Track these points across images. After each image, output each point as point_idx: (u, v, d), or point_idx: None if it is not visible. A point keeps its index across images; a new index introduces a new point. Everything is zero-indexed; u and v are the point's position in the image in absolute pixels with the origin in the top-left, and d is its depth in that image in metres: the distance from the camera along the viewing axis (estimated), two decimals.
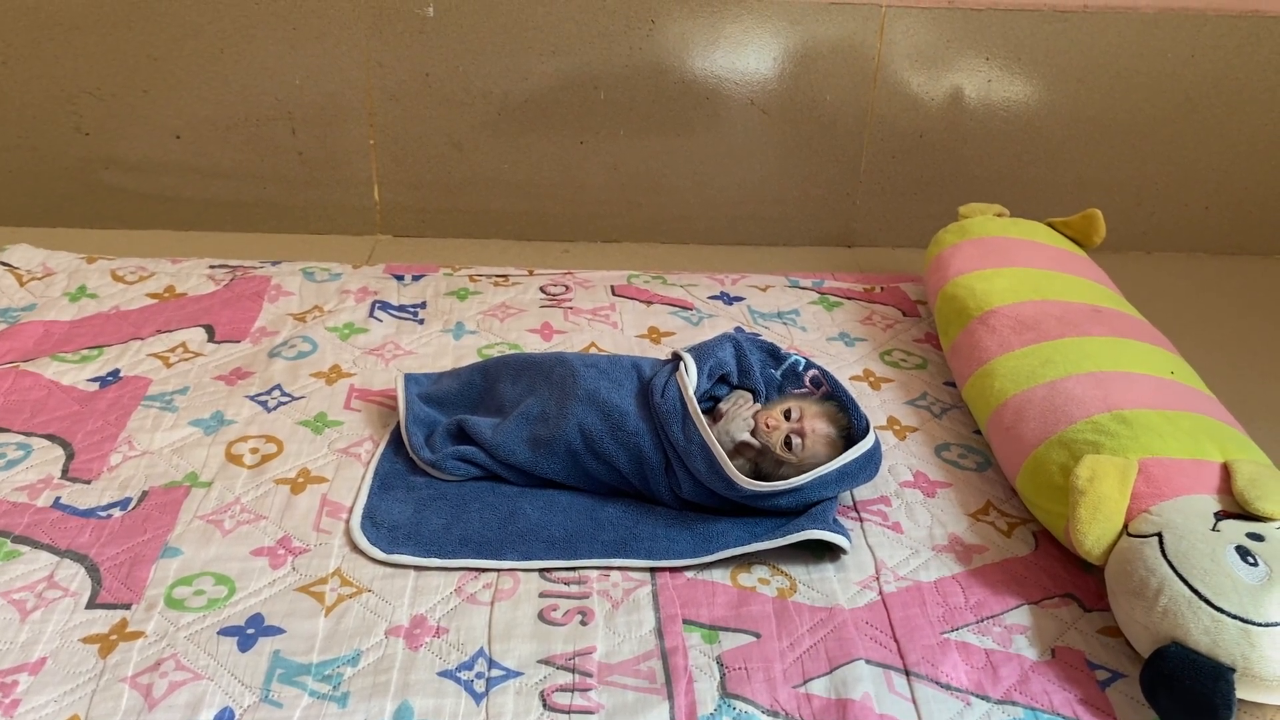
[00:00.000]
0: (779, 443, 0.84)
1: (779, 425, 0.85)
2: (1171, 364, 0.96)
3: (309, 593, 0.78)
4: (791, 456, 0.84)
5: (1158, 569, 0.72)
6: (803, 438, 0.85)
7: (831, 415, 0.88)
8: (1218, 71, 1.49)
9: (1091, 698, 0.71)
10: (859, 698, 0.69)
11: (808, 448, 0.85)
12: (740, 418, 0.86)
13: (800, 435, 0.85)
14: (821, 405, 0.88)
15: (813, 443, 0.85)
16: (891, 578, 0.82)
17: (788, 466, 0.85)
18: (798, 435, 0.85)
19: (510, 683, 0.71)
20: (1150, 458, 0.80)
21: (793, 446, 0.84)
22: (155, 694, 0.69)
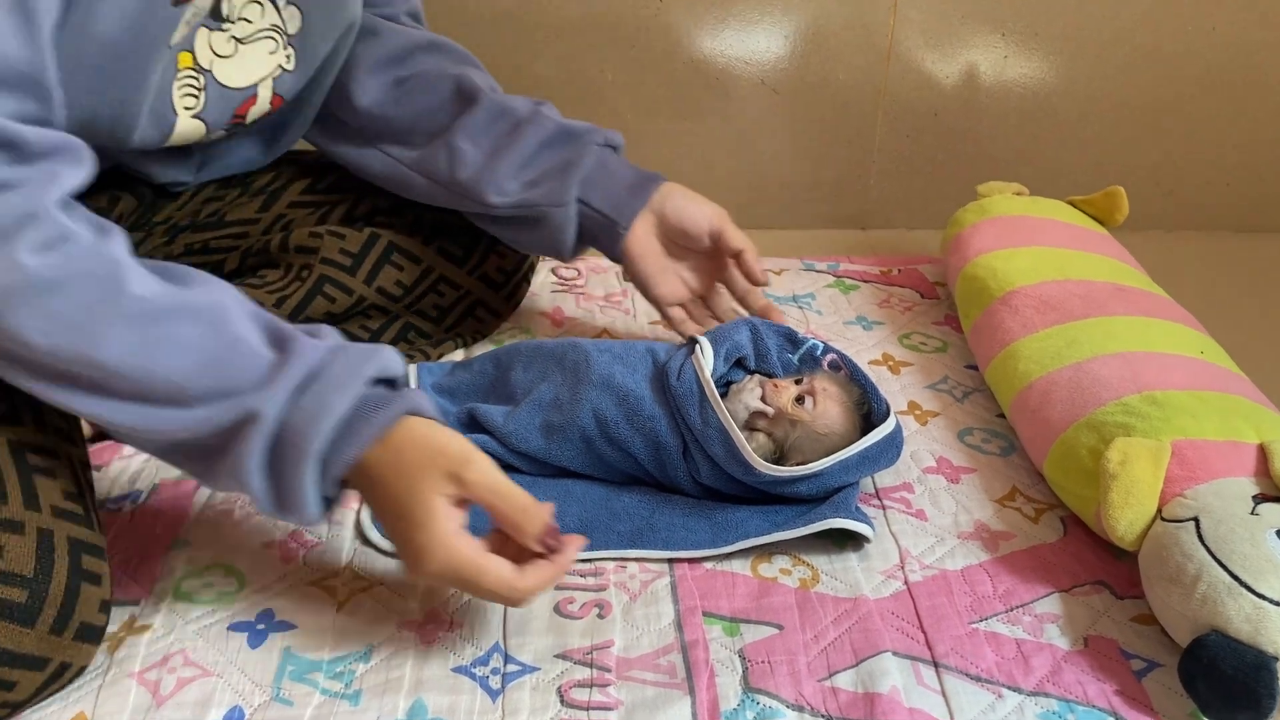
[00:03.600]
0: (789, 401, 0.83)
1: (787, 386, 0.84)
2: (1201, 343, 0.93)
3: (321, 587, 0.76)
4: (803, 414, 0.82)
5: (1195, 554, 0.69)
6: (813, 396, 0.83)
7: (842, 382, 0.87)
8: (1239, 45, 1.46)
9: (1127, 688, 0.69)
10: (887, 691, 0.67)
11: (819, 404, 0.83)
12: (747, 389, 0.85)
13: (810, 394, 0.84)
14: (830, 376, 0.87)
15: (824, 400, 0.84)
16: (917, 566, 0.80)
17: (804, 434, 0.83)
18: (808, 394, 0.84)
19: (526, 678, 0.69)
20: (1184, 440, 0.78)
21: (804, 403, 0.83)
22: (163, 691, 0.67)
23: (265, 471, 0.64)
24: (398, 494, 0.65)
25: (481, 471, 0.66)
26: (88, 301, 0.62)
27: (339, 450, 0.64)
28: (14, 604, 0.61)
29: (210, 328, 0.64)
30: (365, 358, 0.66)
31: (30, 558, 0.62)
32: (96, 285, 0.62)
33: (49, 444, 0.69)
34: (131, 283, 0.63)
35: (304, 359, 0.65)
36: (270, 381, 0.63)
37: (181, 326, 0.63)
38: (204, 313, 0.65)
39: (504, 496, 0.66)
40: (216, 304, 0.66)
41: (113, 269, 0.63)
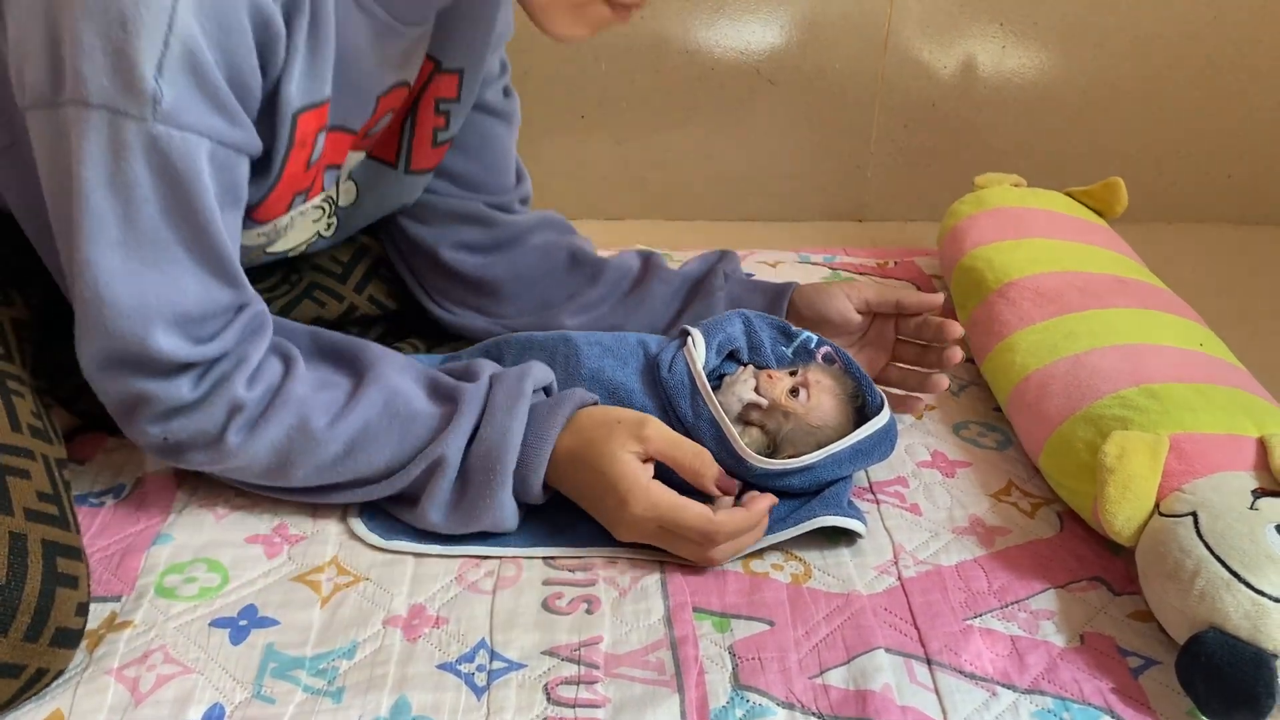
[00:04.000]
0: (783, 392, 0.81)
1: (781, 378, 0.83)
2: (1200, 336, 0.92)
3: (305, 582, 0.75)
4: (797, 406, 0.81)
5: (1193, 550, 0.68)
6: (807, 389, 0.82)
7: (836, 374, 0.85)
8: (1241, 35, 1.44)
9: (1124, 686, 0.68)
10: (879, 689, 0.66)
11: (813, 397, 0.82)
12: (742, 379, 0.84)
13: (804, 386, 0.82)
14: (825, 369, 0.86)
15: (818, 393, 0.82)
16: (910, 562, 0.78)
17: (796, 427, 0.81)
18: (802, 386, 0.82)
19: (513, 675, 0.68)
20: (1182, 433, 0.76)
21: (799, 395, 0.82)
22: (142, 688, 0.66)
23: (452, 502, 0.77)
24: (593, 467, 0.75)
25: (657, 428, 0.76)
26: (293, 458, 0.76)
27: (531, 459, 0.76)
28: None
29: (392, 420, 0.76)
30: (519, 378, 0.78)
31: (1, 564, 0.61)
32: (294, 440, 0.75)
33: (22, 443, 0.67)
34: (316, 419, 0.75)
35: (470, 402, 0.77)
36: (447, 430, 0.76)
37: (372, 436, 0.76)
38: (384, 409, 0.76)
39: (680, 446, 0.77)
40: (389, 391, 0.77)
41: (301, 415, 0.75)
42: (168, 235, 0.68)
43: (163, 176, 0.66)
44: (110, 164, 0.65)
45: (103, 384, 0.72)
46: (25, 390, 0.70)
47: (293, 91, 0.72)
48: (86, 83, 0.63)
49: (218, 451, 0.75)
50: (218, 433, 0.74)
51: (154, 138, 0.65)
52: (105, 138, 0.65)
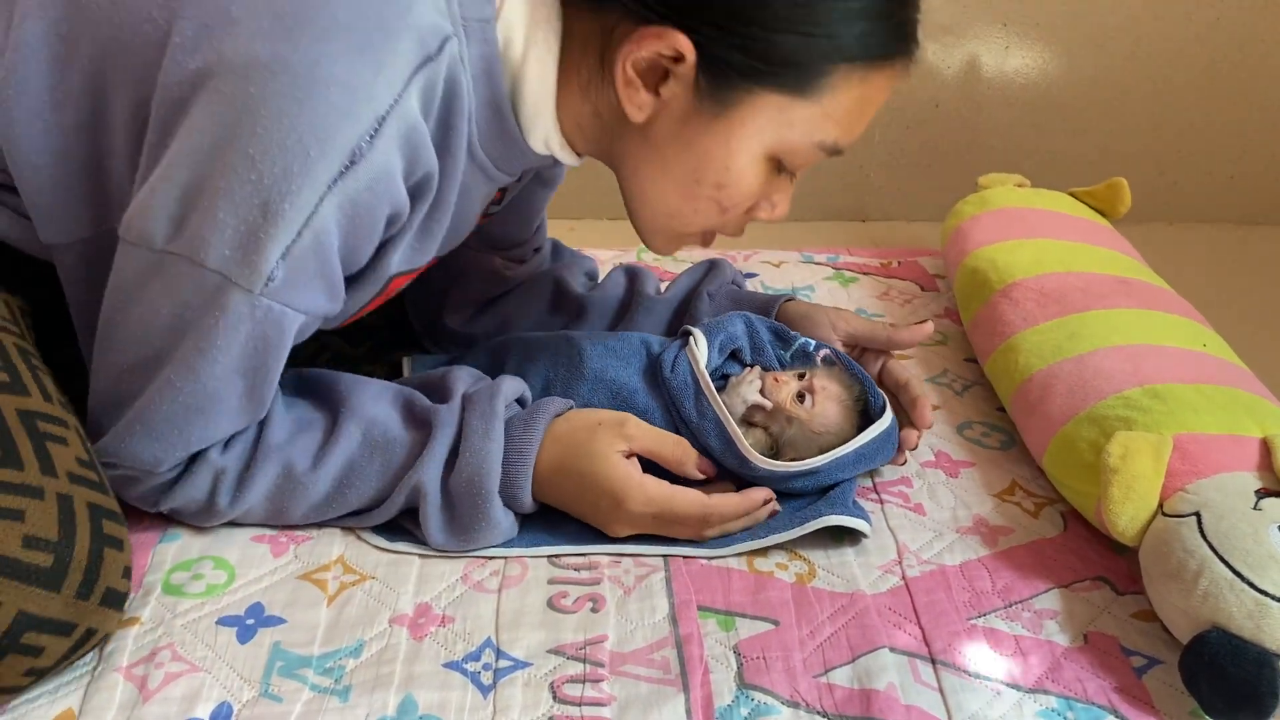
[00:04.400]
0: (789, 397, 0.81)
1: (788, 381, 0.83)
2: (1203, 336, 0.92)
3: (311, 580, 0.75)
4: (801, 412, 0.81)
5: (1197, 550, 0.68)
6: (812, 394, 0.82)
7: (842, 379, 0.85)
8: (1243, 36, 1.45)
9: (1128, 686, 0.68)
10: (883, 688, 0.66)
11: (818, 404, 0.82)
12: (748, 380, 0.84)
13: (810, 392, 0.82)
14: (832, 373, 0.85)
15: (823, 400, 0.82)
16: (915, 561, 0.79)
17: (799, 432, 0.82)
18: (808, 391, 0.82)
19: (519, 674, 0.68)
20: (1186, 433, 0.77)
21: (804, 400, 0.81)
22: (150, 685, 0.66)
23: (447, 526, 0.77)
24: (581, 471, 0.76)
25: (637, 425, 0.78)
26: (285, 504, 0.77)
27: (514, 477, 0.76)
28: (40, 568, 0.59)
29: (373, 451, 0.76)
30: (491, 397, 0.77)
31: (53, 522, 0.61)
32: (282, 488, 0.76)
33: (56, 413, 0.67)
34: (299, 463, 0.76)
35: (443, 427, 0.76)
36: (422, 457, 0.76)
37: (357, 470, 0.76)
38: (364, 441, 0.76)
39: (661, 440, 0.78)
40: (366, 422, 0.77)
41: (284, 463, 0.76)
42: (228, 389, 0.70)
43: (248, 341, 0.68)
44: (197, 318, 0.66)
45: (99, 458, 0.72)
46: (44, 367, 0.71)
47: (395, 260, 0.73)
48: (207, 249, 0.64)
49: (212, 514, 0.76)
50: (207, 499, 0.75)
51: (254, 308, 0.66)
52: (203, 295, 0.65)
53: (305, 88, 0.62)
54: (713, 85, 0.68)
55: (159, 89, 0.64)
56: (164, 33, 0.64)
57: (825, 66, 0.68)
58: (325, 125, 0.62)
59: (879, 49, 0.69)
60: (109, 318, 0.69)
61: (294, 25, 0.62)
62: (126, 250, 0.66)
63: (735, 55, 0.66)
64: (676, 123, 0.70)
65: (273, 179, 0.62)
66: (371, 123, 0.63)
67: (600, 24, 0.69)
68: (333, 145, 0.63)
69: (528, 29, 0.70)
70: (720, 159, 0.71)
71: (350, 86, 0.63)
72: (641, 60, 0.68)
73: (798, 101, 0.68)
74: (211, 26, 0.62)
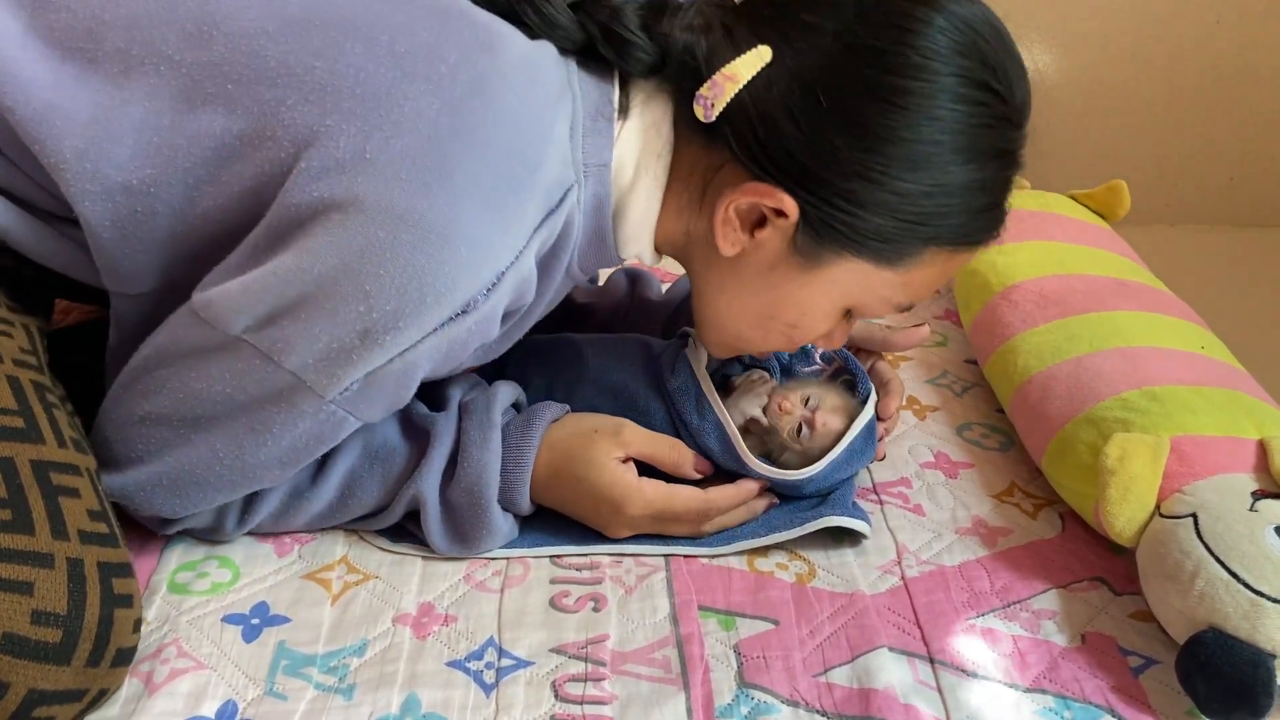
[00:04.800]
0: (789, 428, 0.81)
1: (793, 410, 0.82)
2: (1202, 339, 0.93)
3: (315, 580, 0.76)
4: (797, 445, 0.81)
5: (1193, 551, 0.69)
6: (812, 430, 0.81)
7: (847, 407, 0.84)
8: (1243, 38, 1.45)
9: (1124, 685, 0.69)
10: (882, 687, 0.67)
11: (815, 438, 0.81)
12: (754, 392, 0.84)
13: (810, 426, 0.81)
14: (842, 399, 0.84)
15: (820, 436, 0.82)
16: (914, 562, 0.79)
17: (790, 454, 0.82)
18: (808, 425, 0.81)
19: (521, 673, 0.69)
20: (1183, 435, 0.77)
21: (801, 435, 0.81)
22: (156, 680, 0.67)
23: (447, 533, 0.77)
24: (579, 477, 0.77)
25: (633, 430, 0.79)
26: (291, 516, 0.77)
27: (512, 484, 0.77)
28: (48, 644, 0.59)
29: (373, 461, 0.76)
30: (488, 406, 0.78)
31: (62, 594, 0.60)
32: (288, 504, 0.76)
33: (69, 459, 0.66)
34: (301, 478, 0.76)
35: (441, 436, 0.76)
36: (421, 467, 0.76)
37: (358, 480, 0.76)
38: (364, 451, 0.76)
39: (657, 444, 0.79)
40: (366, 432, 0.76)
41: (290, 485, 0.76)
42: (267, 469, 0.71)
43: (303, 434, 0.69)
44: (257, 405, 0.67)
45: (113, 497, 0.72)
46: (59, 401, 0.70)
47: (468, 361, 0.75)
48: (290, 354, 0.64)
49: (221, 534, 0.77)
50: (215, 524, 0.76)
51: (320, 410, 0.67)
52: (271, 388, 0.66)
53: (436, 244, 0.62)
54: (807, 243, 0.70)
55: (277, 204, 0.63)
56: (292, 156, 0.63)
57: (918, 249, 0.70)
58: (449, 280, 0.63)
59: (971, 239, 0.72)
60: (150, 367, 0.69)
61: (432, 180, 0.62)
62: (195, 322, 0.66)
63: (835, 225, 0.68)
64: (764, 264, 0.72)
65: (382, 314, 0.63)
66: (491, 278, 0.65)
67: (708, 158, 0.71)
68: (451, 297, 0.64)
69: (640, 158, 0.72)
70: (798, 304, 0.73)
71: (478, 245, 0.64)
72: (743, 205, 0.69)
73: (883, 269, 0.71)
74: (344, 162, 0.62)
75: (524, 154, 0.65)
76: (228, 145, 0.65)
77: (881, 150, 0.66)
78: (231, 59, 0.65)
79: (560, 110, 0.68)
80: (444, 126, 0.63)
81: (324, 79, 0.64)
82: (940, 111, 0.66)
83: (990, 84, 0.67)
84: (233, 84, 0.65)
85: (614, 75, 0.72)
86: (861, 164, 0.66)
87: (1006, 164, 0.71)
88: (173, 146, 0.65)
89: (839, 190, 0.67)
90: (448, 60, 0.65)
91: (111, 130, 0.65)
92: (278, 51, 0.65)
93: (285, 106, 0.64)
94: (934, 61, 0.66)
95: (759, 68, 0.67)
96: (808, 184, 0.67)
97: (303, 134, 0.63)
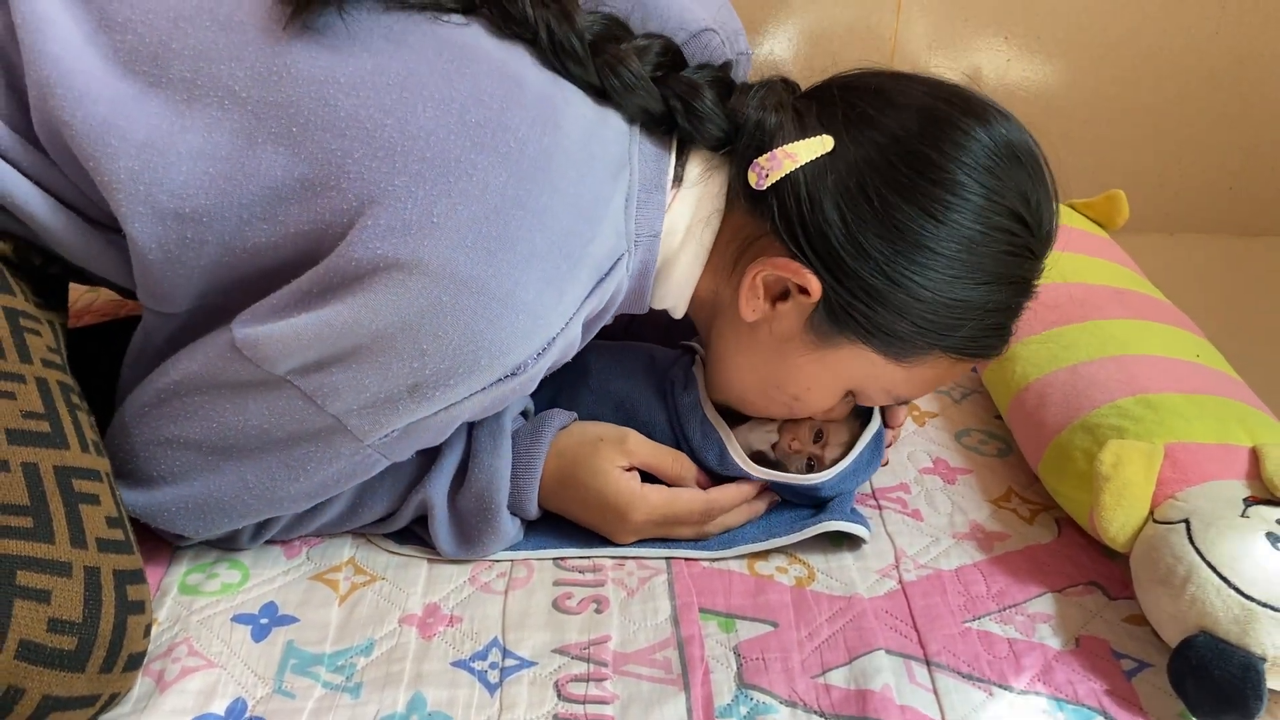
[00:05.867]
0: (797, 466, 0.82)
1: (802, 450, 0.83)
2: (1197, 347, 0.94)
3: (323, 581, 0.77)
4: (801, 478, 0.82)
5: (1185, 556, 0.70)
6: (820, 465, 0.82)
7: (854, 432, 0.84)
8: (1243, 48, 1.46)
9: (1117, 688, 0.70)
10: (879, 689, 0.68)
11: (819, 469, 0.82)
12: (763, 429, 0.84)
13: (820, 462, 0.82)
14: (852, 429, 0.84)
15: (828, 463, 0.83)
16: (911, 566, 0.80)
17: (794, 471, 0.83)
18: (817, 461, 0.82)
19: (524, 673, 0.70)
20: (1176, 442, 0.78)
21: (812, 469, 0.82)
22: (167, 678, 0.68)
23: (455, 537, 0.78)
24: (585, 485, 0.78)
25: (638, 440, 0.80)
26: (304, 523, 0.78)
27: (521, 489, 0.78)
28: (64, 652, 0.60)
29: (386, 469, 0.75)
30: (497, 413, 0.78)
31: (78, 602, 0.61)
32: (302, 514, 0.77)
33: (90, 464, 0.67)
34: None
35: (452, 443, 0.77)
36: (431, 472, 0.77)
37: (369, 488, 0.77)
38: None
39: (660, 455, 0.81)
40: None
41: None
42: (296, 500, 0.73)
43: (336, 472, 0.71)
44: (293, 441, 0.68)
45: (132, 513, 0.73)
46: (81, 401, 0.71)
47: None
48: (337, 401, 0.66)
49: (236, 544, 0.79)
50: (230, 536, 0.78)
51: (356, 453, 0.69)
52: (309, 428, 0.67)
53: (497, 310, 0.64)
54: (823, 324, 0.72)
55: (336, 255, 0.64)
56: (355, 210, 0.64)
57: (926, 351, 0.73)
58: (504, 345, 0.65)
59: (979, 351, 0.75)
60: (182, 392, 0.70)
61: (496, 248, 0.64)
62: (237, 358, 0.66)
63: (854, 314, 0.71)
64: (779, 336, 0.74)
65: (434, 372, 0.65)
66: (543, 344, 0.67)
67: (750, 227, 0.73)
68: (504, 361, 0.66)
69: (690, 224, 0.74)
70: (805, 379, 0.76)
71: (535, 313, 0.65)
72: (771, 276, 0.72)
73: (889, 363, 0.74)
74: (411, 224, 0.63)
75: (581, 227, 0.67)
76: (287, 187, 0.65)
77: (911, 256, 0.69)
78: (299, 102, 0.65)
79: (618, 184, 0.70)
80: (509, 198, 0.64)
81: (394, 138, 0.64)
82: (969, 231, 0.69)
83: (1021, 214, 0.70)
84: (298, 127, 0.65)
85: (672, 144, 0.74)
86: (890, 264, 0.69)
87: (1022, 290, 0.74)
88: (229, 179, 0.66)
89: (864, 284, 0.69)
90: (516, 134, 0.66)
91: (167, 155, 0.65)
92: (348, 103, 0.65)
93: (352, 159, 0.64)
94: (973, 181, 0.69)
95: (819, 153, 0.69)
96: (836, 271, 0.70)
97: (369, 190, 0.64)
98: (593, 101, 0.71)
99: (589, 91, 0.71)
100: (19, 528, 0.60)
